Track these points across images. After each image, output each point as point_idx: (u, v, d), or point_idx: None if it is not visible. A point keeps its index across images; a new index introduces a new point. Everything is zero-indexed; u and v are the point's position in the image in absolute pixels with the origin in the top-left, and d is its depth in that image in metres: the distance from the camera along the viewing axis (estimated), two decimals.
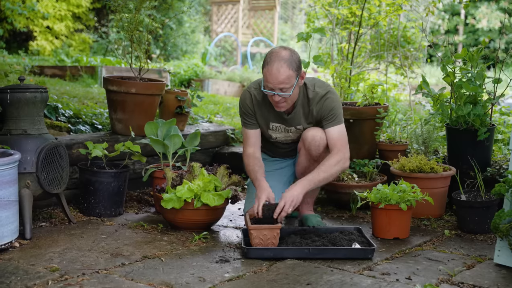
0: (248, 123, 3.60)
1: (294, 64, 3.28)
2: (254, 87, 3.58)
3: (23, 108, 3.37)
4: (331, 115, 3.48)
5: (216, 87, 10.35)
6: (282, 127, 3.60)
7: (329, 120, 3.49)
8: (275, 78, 3.25)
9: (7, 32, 10.06)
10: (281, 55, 3.27)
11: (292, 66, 3.26)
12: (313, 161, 3.54)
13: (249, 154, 3.57)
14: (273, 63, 3.26)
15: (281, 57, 3.26)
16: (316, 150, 3.51)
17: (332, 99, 3.48)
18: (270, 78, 3.27)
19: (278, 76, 3.24)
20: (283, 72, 3.24)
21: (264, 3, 16.85)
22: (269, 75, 3.27)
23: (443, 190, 3.97)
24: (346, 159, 3.45)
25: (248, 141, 3.61)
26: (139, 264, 2.97)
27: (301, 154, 3.62)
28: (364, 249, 3.16)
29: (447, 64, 4.09)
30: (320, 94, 3.48)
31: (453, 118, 4.08)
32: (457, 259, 3.18)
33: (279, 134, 3.64)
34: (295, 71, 3.28)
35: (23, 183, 3.32)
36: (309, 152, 3.54)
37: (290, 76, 3.26)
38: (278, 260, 3.09)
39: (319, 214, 4.07)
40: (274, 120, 3.58)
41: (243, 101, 3.59)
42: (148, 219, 3.86)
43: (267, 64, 3.28)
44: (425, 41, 6.58)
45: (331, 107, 3.48)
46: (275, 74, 3.25)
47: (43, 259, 2.97)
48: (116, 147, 3.94)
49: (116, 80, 4.45)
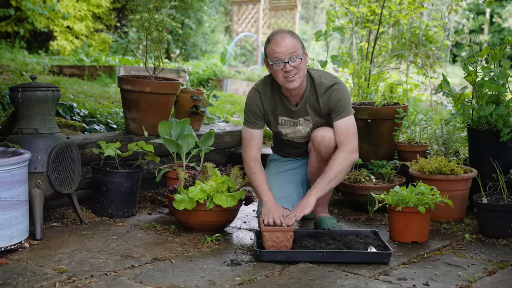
0: (252, 122, 3.51)
1: (296, 36, 3.31)
2: (261, 84, 3.52)
3: (34, 107, 3.34)
4: (339, 106, 3.40)
5: (234, 86, 10.30)
6: (290, 121, 3.53)
7: (337, 112, 3.41)
8: (283, 46, 3.24)
9: (28, 32, 10.11)
10: (281, 30, 3.34)
11: (295, 37, 3.30)
12: (324, 161, 3.45)
13: (251, 157, 3.46)
14: (276, 35, 3.29)
15: (283, 31, 3.32)
16: (326, 151, 3.42)
17: (339, 90, 3.41)
18: (278, 48, 3.25)
19: (285, 44, 3.24)
20: (289, 39, 3.26)
21: (285, 3, 16.75)
22: (275, 45, 3.26)
23: (464, 193, 3.85)
24: (352, 151, 3.36)
25: (251, 143, 3.50)
26: (148, 266, 2.91)
27: (312, 155, 3.54)
28: (380, 253, 3.06)
29: (468, 62, 3.97)
30: (327, 85, 3.42)
31: (474, 119, 3.97)
32: (478, 264, 3.06)
33: (288, 130, 3.56)
34: (299, 42, 3.30)
35: (33, 183, 3.28)
36: (319, 153, 3.45)
37: (296, 44, 3.26)
38: (291, 263, 3.01)
39: (336, 216, 3.99)
40: (282, 113, 3.51)
41: (251, 99, 3.52)
42: (161, 220, 3.81)
43: (271, 39, 3.29)
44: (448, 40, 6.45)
45: (338, 99, 3.40)
46: (281, 42, 3.24)
47: (52, 260, 2.93)
48: (129, 146, 3.90)
49: (131, 79, 4.41)
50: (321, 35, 4.47)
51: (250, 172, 3.43)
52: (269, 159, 3.83)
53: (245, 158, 3.50)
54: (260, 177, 3.40)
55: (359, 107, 4.40)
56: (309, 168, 3.59)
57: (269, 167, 3.71)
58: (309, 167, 3.60)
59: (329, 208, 4.07)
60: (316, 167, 3.52)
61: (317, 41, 4.50)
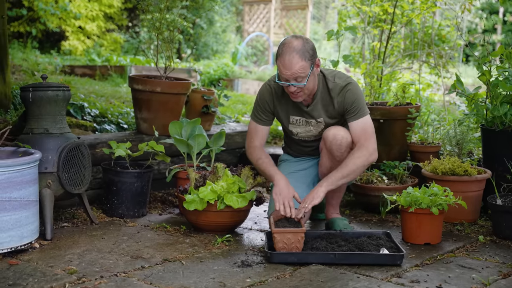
0: (261, 118, 3.50)
1: (307, 53, 3.19)
2: (274, 80, 3.48)
3: (45, 107, 3.33)
4: (354, 107, 3.36)
5: (245, 86, 10.27)
6: (302, 120, 3.49)
7: (352, 113, 3.37)
8: (288, 69, 3.18)
9: (40, 32, 10.14)
10: (293, 45, 3.18)
11: (304, 56, 3.18)
12: (336, 161, 3.41)
13: (255, 147, 3.48)
14: (285, 54, 3.18)
15: (292, 48, 3.17)
16: (338, 150, 3.38)
17: (353, 91, 3.37)
18: (283, 70, 3.19)
19: (291, 67, 3.17)
20: (295, 62, 3.16)
21: (296, 3, 16.69)
22: (282, 66, 3.20)
23: (478, 194, 3.80)
24: (370, 153, 3.30)
25: (255, 136, 3.50)
26: (159, 267, 2.89)
27: (323, 154, 3.51)
28: (392, 255, 3.02)
29: (482, 62, 3.92)
30: (340, 85, 3.38)
31: (488, 119, 3.91)
32: (492, 267, 3.01)
33: (299, 129, 3.53)
34: (309, 60, 3.20)
35: (44, 183, 3.27)
36: (330, 152, 3.42)
37: (303, 66, 3.18)
38: (303, 265, 2.98)
39: (347, 217, 3.95)
40: (294, 113, 3.48)
41: (262, 95, 3.49)
42: (172, 221, 3.79)
43: (279, 56, 3.21)
44: (461, 39, 6.39)
45: (353, 99, 3.36)
46: (287, 65, 3.17)
47: (62, 261, 2.92)
48: (140, 146, 3.88)
49: (141, 79, 4.40)
50: (333, 34, 4.44)
51: (256, 159, 3.43)
52: (280, 159, 3.80)
53: (248, 148, 3.50)
54: (266, 161, 3.41)
55: (371, 107, 4.36)
56: (321, 168, 3.56)
57: (280, 167, 3.68)
58: (320, 167, 3.56)
59: (341, 209, 4.03)
60: (327, 167, 3.48)
61: (329, 40, 4.47)
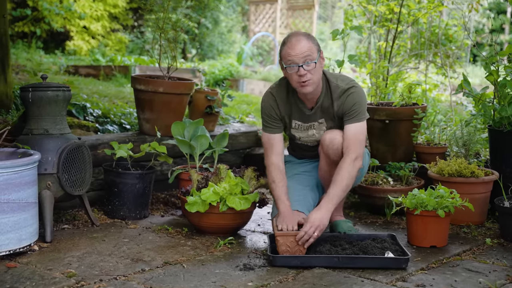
0: (271, 126, 3.39)
1: (313, 39, 3.21)
2: (275, 87, 3.42)
3: (45, 107, 3.29)
4: (353, 110, 3.28)
5: (251, 86, 10.22)
6: (303, 125, 3.43)
7: (350, 116, 3.29)
8: (297, 49, 3.14)
9: (45, 33, 10.12)
10: (298, 32, 3.23)
11: (312, 40, 3.19)
12: (334, 165, 3.34)
13: (275, 165, 3.33)
14: (293, 38, 3.18)
15: (298, 33, 3.22)
16: (334, 154, 3.32)
17: (355, 94, 3.29)
18: (292, 51, 3.15)
19: (300, 47, 3.14)
20: (304, 43, 3.16)
21: (303, 2, 16.62)
22: (290, 48, 3.16)
23: (485, 196, 3.73)
24: (354, 160, 3.21)
25: (272, 148, 3.37)
26: (159, 271, 2.84)
27: (321, 158, 3.44)
28: (397, 258, 2.96)
29: (490, 62, 3.86)
30: (342, 88, 3.31)
31: (496, 119, 3.85)
32: (500, 270, 2.95)
33: (301, 134, 3.47)
34: (316, 45, 3.20)
35: (43, 184, 3.23)
36: (327, 156, 3.36)
37: (311, 47, 3.16)
38: (306, 268, 2.92)
39: (352, 219, 3.90)
40: (296, 117, 3.41)
41: (266, 103, 3.41)
42: (174, 222, 3.74)
43: (286, 41, 3.19)
44: (468, 39, 6.31)
45: (353, 103, 3.28)
46: (296, 45, 3.15)
47: (61, 264, 2.87)
48: (142, 147, 3.84)
49: (144, 79, 4.35)
50: (338, 34, 4.37)
51: (270, 181, 3.33)
52: (285, 160, 3.73)
53: (267, 165, 3.38)
54: (280, 185, 3.28)
55: (377, 108, 4.30)
56: (320, 172, 3.49)
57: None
58: (320, 171, 3.50)
59: (345, 211, 3.97)
60: (326, 170, 3.42)
61: (334, 40, 4.40)
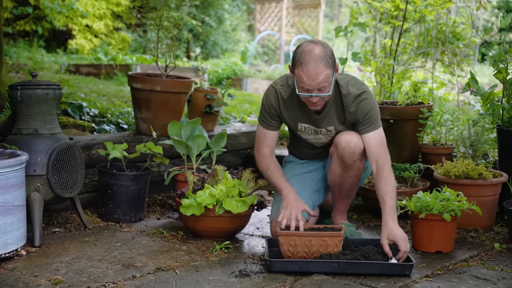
0: (268, 123, 3.27)
1: (330, 60, 2.93)
2: (281, 84, 3.23)
3: (34, 106, 3.16)
4: (367, 118, 3.12)
5: (254, 86, 10.10)
6: (311, 128, 3.28)
7: (366, 124, 3.14)
8: (313, 80, 2.91)
9: (47, 31, 10.03)
10: (315, 53, 2.90)
11: (328, 63, 2.92)
12: (347, 168, 3.22)
13: (264, 155, 3.26)
14: (309, 63, 2.89)
15: (316, 56, 2.90)
16: (350, 158, 3.18)
17: (367, 101, 3.13)
18: (307, 80, 2.92)
19: (316, 78, 2.90)
20: (321, 72, 2.90)
21: (309, 1, 16.48)
22: (305, 77, 2.91)
23: (493, 199, 3.59)
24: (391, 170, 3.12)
25: (264, 142, 3.28)
26: (150, 277, 2.72)
27: (334, 160, 3.28)
28: (401, 264, 2.82)
29: (499, 59, 3.71)
30: (354, 94, 3.13)
31: (505, 119, 3.71)
32: (509, 278, 2.80)
33: (308, 136, 3.33)
34: (332, 67, 2.94)
35: (32, 186, 3.11)
36: (342, 159, 3.21)
37: (327, 75, 2.92)
38: (304, 275, 2.79)
39: (355, 223, 3.76)
40: (303, 120, 3.25)
41: (268, 98, 3.24)
42: (169, 226, 3.61)
43: (302, 65, 2.91)
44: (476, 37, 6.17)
45: (367, 110, 3.12)
46: (313, 76, 2.90)
47: (49, 270, 2.75)
48: (137, 148, 3.72)
49: (141, 77, 4.23)
50: (341, 31, 4.23)
51: (265, 169, 3.23)
52: (285, 160, 3.60)
53: (257, 157, 3.30)
54: (276, 171, 3.21)
55: (381, 107, 4.14)
56: (330, 174, 3.34)
57: (285, 169, 3.47)
58: (330, 173, 3.35)
59: (348, 214, 3.83)
60: (338, 174, 3.28)
61: (336, 37, 4.27)
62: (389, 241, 2.90)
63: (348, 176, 3.27)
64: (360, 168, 3.26)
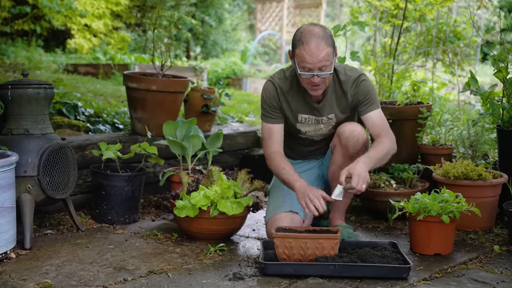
0: (272, 116, 3.26)
1: (330, 39, 3.02)
2: (278, 77, 3.26)
3: (25, 106, 3.11)
4: (367, 98, 3.20)
5: (254, 85, 10.04)
6: (312, 119, 3.27)
7: (366, 104, 3.21)
8: (315, 57, 2.96)
9: (46, 31, 9.97)
10: (315, 31, 2.98)
11: (328, 42, 3.00)
12: (349, 158, 3.18)
13: (275, 153, 3.23)
14: (310, 41, 2.96)
15: (317, 34, 2.98)
16: (354, 146, 3.15)
17: (366, 82, 3.22)
18: (309, 58, 2.97)
19: (318, 54, 2.96)
20: (322, 49, 2.96)
21: (310, 1, 16.41)
22: (307, 54, 2.97)
23: (493, 200, 3.53)
24: (395, 142, 3.16)
25: (271, 138, 3.25)
26: (142, 281, 2.66)
27: (336, 151, 3.26)
28: (398, 267, 2.76)
29: (499, 58, 3.65)
30: (353, 77, 3.21)
31: (505, 119, 3.64)
32: (508, 281, 2.74)
33: (308, 128, 3.30)
34: (332, 47, 3.02)
35: (23, 188, 3.05)
36: (346, 148, 3.18)
37: (328, 53, 2.99)
38: (300, 278, 2.73)
39: (353, 224, 3.71)
40: (303, 111, 3.25)
41: (267, 92, 3.26)
42: (164, 227, 3.56)
43: (303, 44, 2.97)
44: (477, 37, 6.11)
45: (367, 90, 3.21)
46: (315, 53, 2.96)
47: (38, 273, 2.69)
48: (132, 148, 3.66)
49: (136, 77, 4.18)
50: (339, 29, 4.18)
51: (280, 168, 3.18)
52: None
53: (268, 156, 3.25)
54: (288, 169, 3.16)
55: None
56: (332, 167, 3.30)
57: None
58: (332, 166, 3.31)
59: (346, 215, 3.77)
60: (340, 165, 3.22)
61: (335, 36, 4.20)
62: (348, 174, 2.91)
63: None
64: None
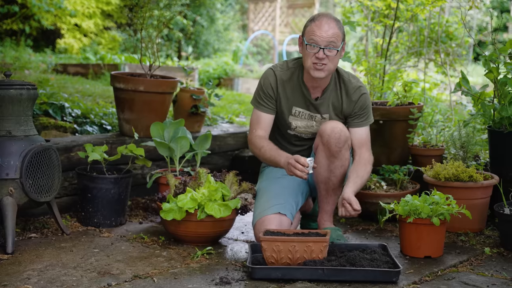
0: (264, 105, 3.26)
1: (342, 27, 3.12)
2: (280, 67, 3.28)
3: (7, 107, 3.04)
4: (364, 113, 3.26)
5: (246, 86, 9.98)
6: (306, 113, 3.27)
7: (361, 118, 3.26)
8: (324, 31, 3.04)
9: (35, 30, 9.87)
10: (329, 14, 3.13)
11: (339, 26, 3.10)
12: (333, 158, 3.14)
13: (257, 136, 3.23)
14: (322, 19, 3.08)
15: (329, 15, 3.11)
16: (336, 144, 3.11)
17: (367, 96, 3.28)
18: (318, 31, 3.04)
19: (328, 30, 3.04)
20: (333, 27, 3.06)
21: (303, 1, 16.38)
22: (317, 27, 3.05)
23: (484, 202, 3.49)
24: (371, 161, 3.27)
25: (259, 124, 3.25)
26: (127, 286, 2.60)
27: (319, 152, 3.20)
28: (387, 270, 2.72)
29: (489, 58, 3.61)
30: (355, 85, 3.25)
31: (496, 120, 3.61)
32: (499, 284, 2.71)
33: (300, 122, 3.27)
34: (342, 34, 3.11)
35: (5, 191, 2.98)
36: (328, 147, 3.13)
37: (337, 34, 3.07)
38: (288, 282, 2.69)
39: (342, 227, 3.66)
40: (299, 104, 3.25)
41: (266, 79, 3.26)
42: (151, 230, 3.50)
43: (316, 19, 3.09)
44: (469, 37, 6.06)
45: (365, 105, 3.27)
46: (325, 28, 3.04)
47: (19, 279, 2.63)
48: (119, 150, 3.60)
49: (123, 77, 4.12)
50: None
51: (259, 148, 3.18)
52: (263, 165, 3.50)
53: (250, 140, 3.25)
54: (270, 147, 3.17)
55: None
56: (316, 169, 3.25)
57: (263, 174, 3.39)
58: (315, 168, 3.25)
59: (336, 217, 3.72)
60: (324, 165, 3.17)
61: None
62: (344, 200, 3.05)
63: (335, 167, 3.17)
64: (346, 158, 3.18)
